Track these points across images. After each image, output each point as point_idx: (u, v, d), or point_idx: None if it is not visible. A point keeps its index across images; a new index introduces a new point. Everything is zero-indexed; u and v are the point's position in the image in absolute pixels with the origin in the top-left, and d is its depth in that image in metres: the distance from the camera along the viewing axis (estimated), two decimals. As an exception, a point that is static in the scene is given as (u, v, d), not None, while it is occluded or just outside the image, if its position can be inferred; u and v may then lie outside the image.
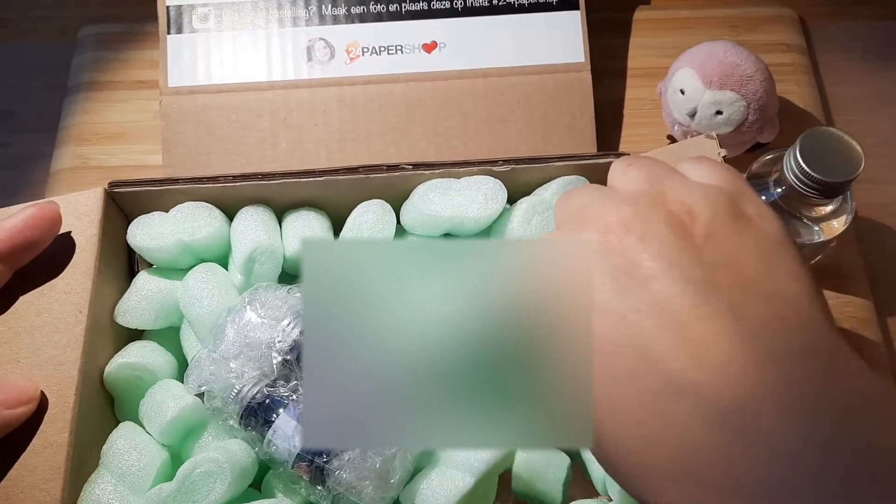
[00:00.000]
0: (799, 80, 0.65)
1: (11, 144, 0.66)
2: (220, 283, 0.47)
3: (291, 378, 0.45)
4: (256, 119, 0.60)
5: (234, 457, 0.43)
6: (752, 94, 0.56)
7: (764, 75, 0.57)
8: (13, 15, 0.72)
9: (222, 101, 0.60)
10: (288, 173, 0.49)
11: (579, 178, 0.50)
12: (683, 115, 0.58)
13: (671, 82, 0.59)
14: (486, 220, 0.48)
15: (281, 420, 0.44)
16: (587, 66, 0.61)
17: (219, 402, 0.45)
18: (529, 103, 0.61)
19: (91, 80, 0.66)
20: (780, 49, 0.66)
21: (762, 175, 0.55)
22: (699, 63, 0.57)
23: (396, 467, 0.43)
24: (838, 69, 0.68)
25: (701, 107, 0.57)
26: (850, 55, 0.69)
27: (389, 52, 0.61)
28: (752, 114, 0.56)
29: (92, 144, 0.64)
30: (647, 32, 0.68)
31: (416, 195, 0.48)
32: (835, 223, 0.53)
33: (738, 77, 0.56)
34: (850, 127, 0.60)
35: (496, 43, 0.62)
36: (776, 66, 0.62)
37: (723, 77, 0.56)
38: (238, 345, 0.44)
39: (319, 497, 0.44)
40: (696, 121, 0.58)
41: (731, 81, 0.56)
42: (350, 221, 0.49)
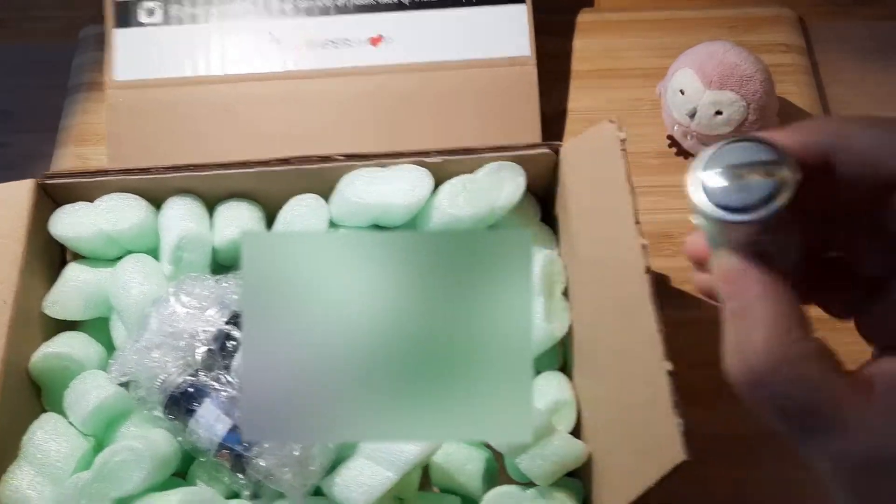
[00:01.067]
0: (798, 81, 0.65)
1: (11, 144, 0.66)
2: (148, 273, 0.47)
3: (215, 367, 0.45)
4: (204, 112, 0.60)
5: (155, 445, 0.43)
6: (751, 94, 0.55)
7: (764, 75, 0.56)
8: (13, 15, 0.72)
9: (170, 95, 0.60)
10: (219, 164, 0.49)
11: (513, 165, 0.50)
12: (683, 116, 0.58)
13: (671, 83, 0.59)
14: (413, 207, 0.48)
15: (203, 409, 0.44)
16: (533, 61, 0.61)
17: (143, 391, 0.45)
18: (475, 97, 0.61)
19: (91, 80, 0.66)
20: (779, 49, 0.66)
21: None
22: (699, 63, 0.57)
23: (316, 455, 0.43)
24: (838, 69, 0.67)
25: (701, 107, 0.56)
26: (850, 55, 0.68)
27: (335, 46, 0.61)
28: (752, 114, 0.56)
29: (92, 144, 0.64)
30: (646, 33, 0.68)
31: (342, 184, 0.49)
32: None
33: (737, 77, 0.55)
34: None
35: (442, 37, 0.62)
36: (776, 66, 0.61)
37: (722, 77, 0.56)
38: (162, 334, 0.45)
39: (241, 485, 0.44)
40: (695, 121, 0.57)
41: (731, 82, 0.55)
42: (282, 215, 0.49)
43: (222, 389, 0.44)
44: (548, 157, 0.50)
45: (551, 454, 0.43)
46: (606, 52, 0.67)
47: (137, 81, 0.60)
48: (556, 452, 0.44)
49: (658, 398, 0.38)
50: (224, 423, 0.43)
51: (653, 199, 0.60)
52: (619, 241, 0.42)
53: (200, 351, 0.45)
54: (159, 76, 0.60)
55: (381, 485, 0.43)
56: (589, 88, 0.65)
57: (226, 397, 0.44)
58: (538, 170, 0.51)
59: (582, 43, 0.67)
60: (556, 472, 0.44)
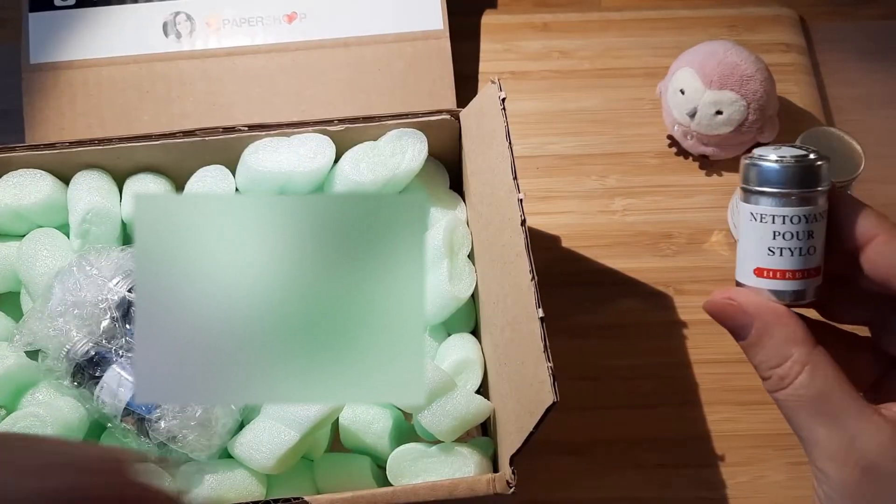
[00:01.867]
0: (799, 80, 0.65)
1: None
2: (55, 247, 0.48)
3: (119, 335, 0.46)
4: (119, 93, 0.61)
5: (59, 412, 0.44)
6: (752, 93, 0.56)
7: (764, 75, 0.57)
8: (13, 15, 0.71)
9: (84, 77, 0.61)
10: (123, 137, 0.50)
11: (414, 131, 0.51)
12: (683, 115, 0.58)
13: (671, 82, 0.59)
14: (316, 174, 0.49)
15: (108, 376, 0.45)
16: (446, 34, 0.62)
17: (51, 360, 0.46)
18: (390, 70, 0.62)
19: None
20: (779, 49, 0.66)
21: None
22: (699, 63, 0.57)
23: (219, 416, 0.44)
24: (838, 69, 0.68)
25: (701, 107, 0.57)
26: (850, 55, 0.68)
27: (251, 24, 0.62)
28: (753, 113, 0.57)
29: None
30: (646, 32, 0.68)
31: (246, 154, 0.49)
32: None
33: (738, 77, 0.56)
34: (850, 127, 0.60)
35: (356, 12, 0.62)
36: (776, 65, 0.62)
37: (723, 77, 0.56)
38: (65, 303, 0.45)
39: (147, 449, 0.45)
40: (695, 121, 0.58)
41: (731, 81, 0.56)
42: (188, 186, 0.50)
43: (126, 356, 0.45)
44: (450, 123, 0.51)
45: (452, 410, 0.45)
46: (606, 52, 0.67)
47: (52, 64, 0.61)
48: (456, 408, 0.45)
49: (533, 346, 0.39)
50: (127, 387, 0.44)
51: (652, 198, 0.61)
52: (502, 197, 0.44)
53: (104, 319, 0.45)
54: (73, 58, 0.61)
55: (284, 444, 0.43)
56: (589, 88, 0.66)
57: (129, 363, 0.45)
58: (444, 138, 0.52)
59: (582, 42, 0.67)
60: (457, 427, 0.45)
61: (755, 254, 0.33)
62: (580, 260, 0.59)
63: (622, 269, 0.59)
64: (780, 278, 0.32)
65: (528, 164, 0.62)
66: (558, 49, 0.67)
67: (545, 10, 0.69)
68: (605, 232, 0.60)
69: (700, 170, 0.62)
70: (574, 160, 0.63)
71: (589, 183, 0.62)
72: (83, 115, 0.60)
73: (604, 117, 0.64)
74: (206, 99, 0.61)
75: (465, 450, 0.46)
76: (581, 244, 0.60)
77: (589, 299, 0.57)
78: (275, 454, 0.43)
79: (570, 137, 0.64)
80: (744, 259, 0.33)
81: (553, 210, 0.61)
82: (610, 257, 0.59)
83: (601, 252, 0.59)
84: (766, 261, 0.33)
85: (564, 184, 0.62)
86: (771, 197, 0.32)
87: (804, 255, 0.32)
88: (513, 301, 0.42)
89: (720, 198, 0.61)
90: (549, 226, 0.60)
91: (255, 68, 0.61)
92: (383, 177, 0.49)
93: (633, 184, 0.62)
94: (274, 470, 0.44)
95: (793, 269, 0.32)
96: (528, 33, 0.68)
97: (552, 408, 0.36)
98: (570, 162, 0.63)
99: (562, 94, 0.65)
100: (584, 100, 0.65)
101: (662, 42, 0.67)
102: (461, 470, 0.44)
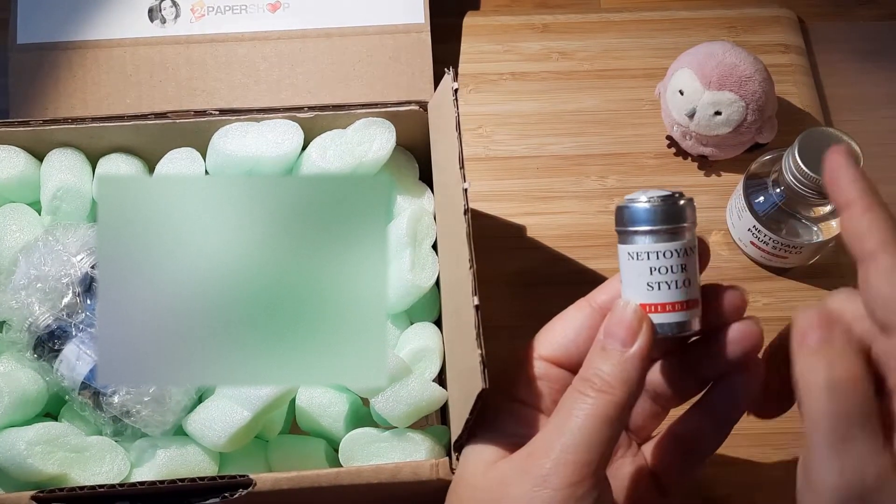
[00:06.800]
0: (797, 81, 0.65)
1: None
2: (24, 221, 0.49)
3: (80, 310, 0.46)
4: (103, 75, 0.62)
5: (16, 383, 0.44)
6: (750, 94, 0.56)
7: (763, 76, 0.57)
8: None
9: (70, 58, 0.62)
10: (97, 118, 0.51)
11: (383, 121, 0.51)
12: (682, 116, 0.58)
13: (670, 83, 0.60)
14: (283, 160, 0.50)
15: (67, 349, 0.46)
16: (427, 28, 0.63)
17: (14, 332, 0.47)
18: (371, 63, 0.62)
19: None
20: (778, 50, 0.67)
21: (761, 175, 0.55)
22: (698, 64, 0.57)
23: (174, 393, 0.45)
24: (837, 70, 0.67)
25: (700, 107, 0.57)
26: (849, 55, 0.68)
27: (235, 12, 0.63)
28: (751, 114, 0.57)
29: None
30: (646, 33, 0.68)
31: (215, 138, 0.50)
32: (833, 223, 0.53)
33: (736, 78, 0.56)
34: (848, 127, 0.59)
35: (339, 3, 0.63)
36: (775, 66, 0.61)
37: (722, 78, 0.56)
38: (28, 277, 0.46)
39: (103, 423, 0.45)
40: (694, 121, 0.58)
41: (730, 82, 0.56)
42: (158, 168, 0.51)
43: (87, 331, 0.46)
44: (420, 114, 0.52)
45: (406, 396, 0.45)
46: (606, 53, 0.67)
47: (38, 45, 0.62)
48: (410, 395, 0.45)
49: (471, 334, 0.39)
50: (85, 361, 0.45)
51: (652, 199, 0.61)
52: (452, 186, 0.44)
53: (66, 294, 0.46)
54: (60, 39, 0.62)
55: (236, 423, 0.44)
56: (588, 89, 0.66)
57: (89, 338, 0.46)
58: (414, 129, 0.53)
59: (581, 43, 0.68)
60: (411, 414, 0.45)
61: (636, 293, 0.35)
62: (580, 260, 0.60)
63: (622, 270, 0.59)
64: (661, 311, 0.34)
65: (528, 164, 0.63)
66: (558, 50, 0.67)
67: (545, 11, 0.69)
68: (605, 232, 0.60)
69: (699, 170, 0.62)
70: (573, 160, 0.63)
71: (588, 183, 0.62)
72: (66, 96, 0.61)
73: (603, 118, 0.65)
74: (189, 84, 0.62)
75: (418, 436, 0.46)
76: (581, 244, 0.60)
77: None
78: (227, 432, 0.44)
79: (570, 138, 0.64)
80: (627, 300, 0.35)
81: (553, 210, 0.61)
82: (610, 257, 0.59)
83: (601, 252, 0.60)
84: (647, 296, 0.35)
85: (564, 184, 0.62)
86: (644, 235, 0.34)
87: (681, 288, 0.34)
88: (458, 290, 0.43)
89: (719, 198, 0.61)
90: (548, 226, 0.61)
91: (237, 56, 0.62)
92: (350, 165, 0.50)
93: (633, 184, 0.62)
94: (226, 448, 0.44)
95: (672, 302, 0.34)
96: (528, 34, 0.68)
97: (482, 395, 0.37)
98: (570, 162, 0.63)
99: (561, 94, 0.66)
100: (584, 100, 0.65)
101: (662, 43, 0.67)
102: (412, 456, 0.45)
